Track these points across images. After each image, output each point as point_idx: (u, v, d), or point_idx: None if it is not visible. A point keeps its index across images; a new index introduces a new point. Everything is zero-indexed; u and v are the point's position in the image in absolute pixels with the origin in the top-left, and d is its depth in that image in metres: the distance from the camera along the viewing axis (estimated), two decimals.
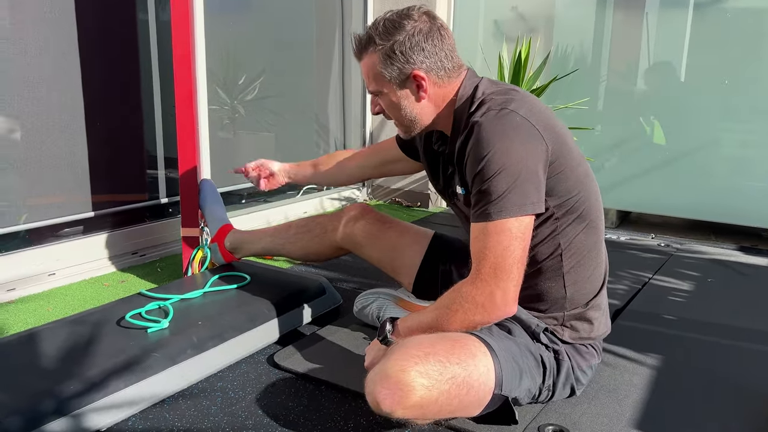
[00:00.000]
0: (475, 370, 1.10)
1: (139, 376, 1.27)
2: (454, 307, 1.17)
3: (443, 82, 1.26)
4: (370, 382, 1.09)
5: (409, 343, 1.12)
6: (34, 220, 1.99)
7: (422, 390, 1.05)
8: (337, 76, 3.29)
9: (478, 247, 1.15)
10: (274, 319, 1.60)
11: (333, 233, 1.69)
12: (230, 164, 2.80)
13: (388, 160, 1.68)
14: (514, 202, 1.13)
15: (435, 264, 1.60)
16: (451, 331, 1.18)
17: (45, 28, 1.94)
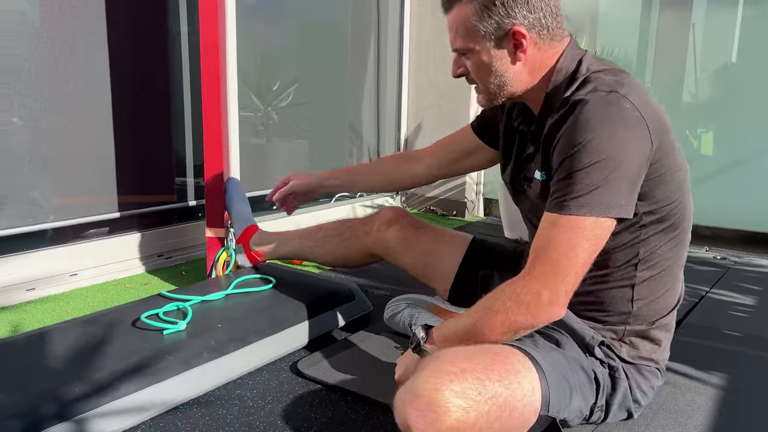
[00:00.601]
0: (518, 389, 0.96)
1: (151, 380, 1.18)
2: (495, 307, 1.03)
3: (544, 45, 1.10)
4: (400, 401, 0.95)
5: (443, 356, 0.99)
6: (58, 219, 1.93)
7: (458, 412, 0.90)
8: (372, 79, 3.20)
9: (542, 241, 1.02)
10: (299, 325, 1.50)
11: (365, 237, 1.58)
12: (261, 170, 2.75)
13: (462, 153, 1.48)
14: (600, 200, 0.98)
15: (474, 269, 1.46)
16: (491, 337, 1.04)
17: (74, 24, 1.90)
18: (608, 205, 0.98)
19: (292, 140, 2.90)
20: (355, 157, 3.19)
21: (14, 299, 1.77)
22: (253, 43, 2.50)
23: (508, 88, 1.12)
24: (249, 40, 2.44)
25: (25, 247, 1.84)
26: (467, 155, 1.48)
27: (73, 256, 1.93)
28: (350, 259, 1.64)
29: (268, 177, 2.74)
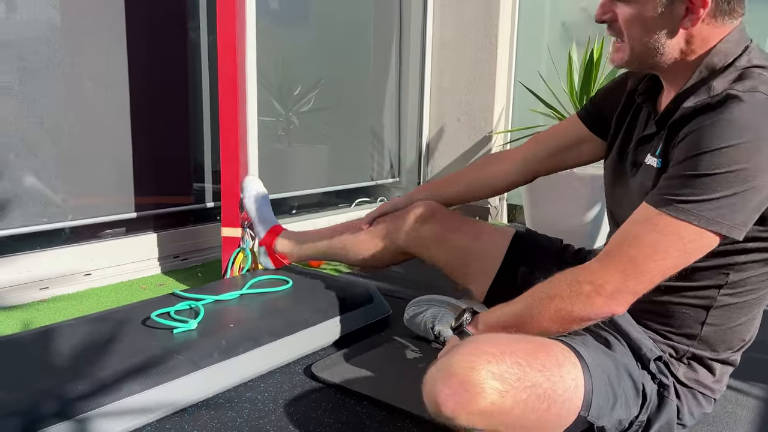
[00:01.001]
0: (560, 383, 0.89)
1: (157, 380, 1.12)
2: (551, 292, 0.95)
3: (716, 21, 0.94)
4: (431, 379, 0.88)
5: (482, 338, 0.92)
6: (73, 218, 1.90)
7: (494, 394, 0.84)
8: (393, 83, 3.15)
9: (626, 233, 0.92)
10: (315, 326, 1.43)
11: (397, 234, 1.45)
12: (281, 173, 2.71)
13: (564, 145, 1.33)
14: (716, 213, 0.86)
15: (515, 266, 1.34)
16: (541, 324, 0.96)
17: (94, 26, 1.88)
18: (721, 220, 0.87)
19: (312, 145, 2.86)
20: (375, 161, 3.13)
21: (27, 298, 1.74)
22: (274, 47, 2.48)
23: (656, 55, 0.97)
24: (270, 44, 2.41)
25: (39, 246, 1.82)
26: (570, 148, 1.32)
27: (87, 256, 1.90)
28: (382, 258, 1.52)
29: (288, 180, 2.71)
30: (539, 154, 1.37)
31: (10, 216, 1.75)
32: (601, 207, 2.46)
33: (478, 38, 2.95)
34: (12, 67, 1.72)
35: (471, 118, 3.05)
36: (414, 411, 1.14)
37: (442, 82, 3.14)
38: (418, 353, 1.42)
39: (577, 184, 2.43)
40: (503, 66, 2.95)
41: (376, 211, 1.54)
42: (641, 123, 1.11)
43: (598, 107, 1.26)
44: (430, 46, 3.15)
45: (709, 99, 0.91)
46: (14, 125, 1.74)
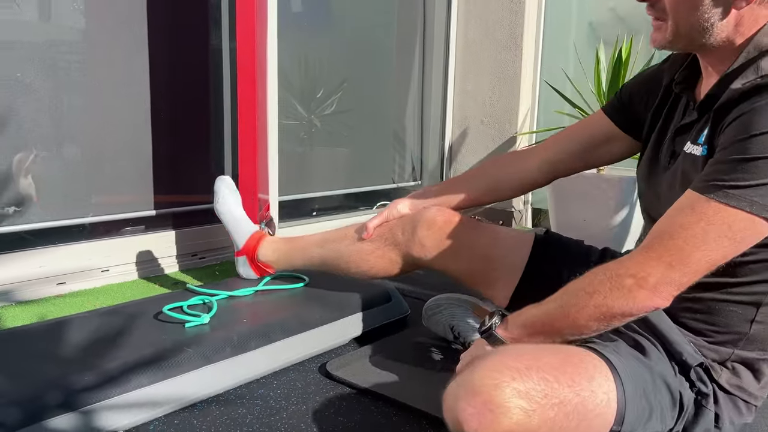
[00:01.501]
0: (591, 398, 0.83)
1: (167, 374, 1.09)
2: (589, 288, 0.89)
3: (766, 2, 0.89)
4: (452, 396, 0.83)
5: (507, 351, 0.87)
6: (92, 214, 1.90)
7: (519, 414, 0.78)
8: (416, 86, 3.12)
9: (670, 222, 0.86)
10: (331, 324, 1.39)
11: (405, 243, 1.32)
12: (302, 176, 2.69)
13: (591, 144, 1.25)
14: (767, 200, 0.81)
15: (538, 269, 1.26)
16: (579, 322, 0.90)
17: (116, 27, 1.88)
18: None
19: (334, 147, 2.83)
20: (397, 164, 3.10)
21: (44, 292, 1.73)
22: (297, 50, 2.46)
23: (704, 36, 0.91)
24: (292, 47, 2.40)
25: (57, 241, 1.81)
26: (596, 146, 1.25)
27: (105, 252, 1.89)
28: (386, 270, 1.38)
29: (308, 181, 2.68)
30: (562, 154, 1.29)
31: (29, 211, 1.75)
32: (629, 210, 2.38)
33: (503, 39, 2.91)
34: (35, 66, 1.72)
35: (495, 121, 2.99)
36: (431, 412, 1.09)
37: (465, 84, 3.10)
38: (437, 354, 1.37)
39: (605, 186, 2.36)
40: (528, 67, 2.90)
41: (378, 218, 1.40)
42: (679, 113, 1.05)
43: (627, 102, 1.19)
44: (454, 47, 3.11)
45: (759, 80, 0.86)
46: (36, 122, 1.74)
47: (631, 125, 1.19)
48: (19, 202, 1.73)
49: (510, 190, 1.38)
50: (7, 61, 1.67)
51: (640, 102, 1.16)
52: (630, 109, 1.18)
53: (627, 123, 1.20)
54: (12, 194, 1.71)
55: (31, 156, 1.74)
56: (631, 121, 1.19)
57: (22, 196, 1.74)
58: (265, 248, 1.57)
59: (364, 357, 1.33)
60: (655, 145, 1.09)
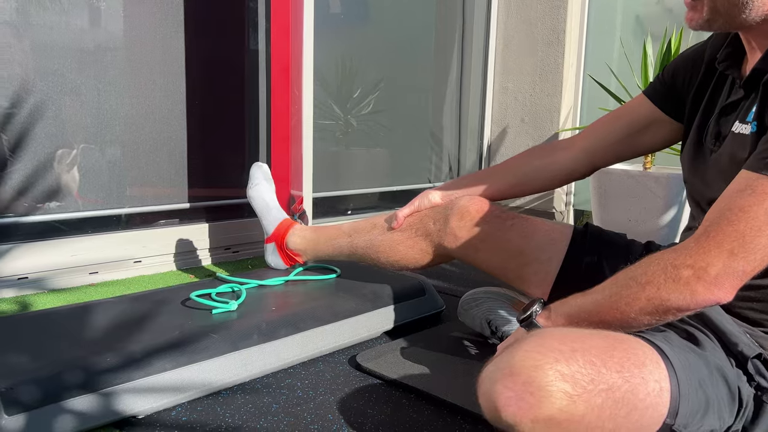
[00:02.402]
0: (642, 385, 0.75)
1: (191, 359, 1.05)
2: (642, 279, 0.81)
3: None
4: (488, 379, 0.76)
5: (549, 332, 0.79)
6: (127, 205, 1.89)
7: (563, 399, 0.71)
8: (454, 84, 3.06)
9: (727, 205, 0.79)
10: (362, 316, 1.34)
11: (438, 233, 1.28)
12: (338, 173, 2.66)
13: (633, 130, 1.18)
14: None
15: (578, 260, 1.18)
16: (629, 315, 0.83)
17: (152, 9, 1.88)
18: None
19: (370, 146, 2.79)
20: (434, 164, 3.03)
21: (76, 281, 1.73)
22: (334, 49, 2.44)
23: (743, 11, 0.86)
24: (330, 46, 2.38)
25: (90, 230, 1.81)
26: (638, 132, 1.17)
27: (139, 243, 1.88)
28: (417, 261, 1.34)
29: (344, 179, 2.65)
30: (601, 142, 1.22)
31: (65, 200, 1.75)
32: (678, 209, 2.27)
33: (545, 34, 2.82)
34: (76, 63, 1.73)
35: (536, 119, 2.91)
36: (467, 407, 1.03)
37: (505, 82, 3.02)
38: (473, 349, 1.30)
39: (653, 184, 2.25)
40: (571, 63, 2.81)
41: (408, 207, 1.36)
42: (724, 93, 0.97)
43: (669, 84, 1.12)
44: (494, 44, 3.04)
45: None
46: (76, 116, 1.74)
47: (674, 107, 1.11)
48: (57, 193, 1.73)
49: (543, 182, 1.31)
50: (50, 59, 1.68)
51: (683, 82, 1.09)
52: (673, 90, 1.11)
53: (670, 105, 1.12)
54: (52, 185, 1.71)
55: (70, 149, 1.74)
56: (674, 102, 1.11)
57: (61, 187, 1.74)
58: (294, 236, 1.54)
59: (396, 350, 1.27)
60: (699, 128, 1.01)
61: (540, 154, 1.32)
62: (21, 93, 1.64)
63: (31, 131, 1.67)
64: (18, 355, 0.98)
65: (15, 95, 1.64)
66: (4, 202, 1.65)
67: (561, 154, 1.28)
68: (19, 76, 1.63)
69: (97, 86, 1.78)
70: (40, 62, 1.67)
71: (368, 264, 1.41)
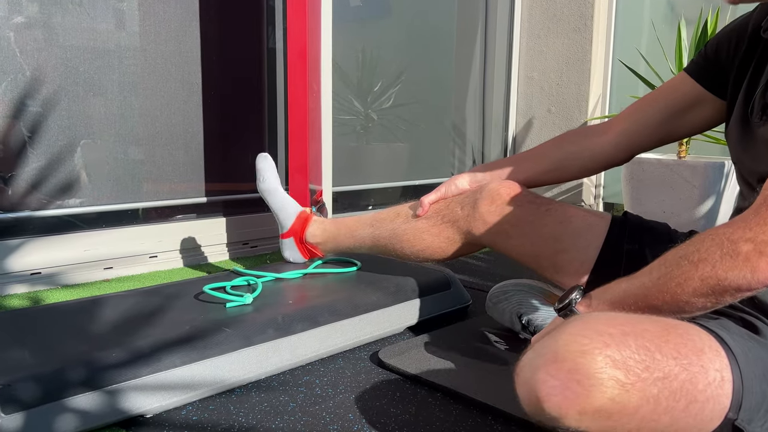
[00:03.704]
0: (701, 374, 0.67)
1: (202, 355, 0.99)
2: (695, 257, 0.73)
3: None
4: (529, 366, 0.69)
5: (595, 316, 0.71)
6: (142, 200, 1.84)
7: (615, 388, 0.64)
8: (477, 75, 2.97)
9: None
10: (383, 310, 1.27)
11: (466, 219, 1.21)
12: (359, 168, 2.59)
13: (676, 110, 1.09)
14: None
15: (618, 248, 1.10)
16: (682, 297, 0.74)
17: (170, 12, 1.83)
18: None
19: (392, 140, 2.72)
20: (457, 159, 2.95)
21: (91, 277, 1.68)
22: (353, 42, 2.37)
23: None
24: (349, 39, 2.32)
25: (105, 225, 1.76)
26: (682, 113, 1.09)
27: (154, 238, 1.83)
28: (444, 250, 1.27)
29: (365, 173, 2.58)
30: (641, 125, 1.13)
31: (79, 194, 1.71)
32: (716, 200, 2.15)
33: (571, 20, 2.72)
34: (92, 59, 1.68)
35: (563, 108, 2.81)
36: (498, 406, 0.95)
37: (530, 71, 2.92)
38: (502, 344, 1.22)
39: (689, 173, 2.14)
40: (600, 49, 2.70)
41: (434, 194, 1.29)
42: None
43: (712, 60, 1.03)
44: (518, 32, 2.94)
45: None
46: (92, 110, 1.70)
47: (718, 84, 1.03)
48: (70, 187, 1.69)
49: (580, 169, 1.23)
50: (64, 52, 1.63)
51: (726, 57, 1.00)
52: (716, 65, 1.02)
53: (714, 82, 1.03)
54: (65, 179, 1.67)
55: (84, 143, 1.70)
56: (718, 79, 1.03)
57: (75, 181, 1.70)
58: (314, 228, 1.47)
59: (420, 346, 1.20)
60: (745, 103, 0.93)
61: (575, 138, 1.23)
62: (35, 86, 1.60)
63: (44, 124, 1.63)
64: (19, 351, 0.93)
65: (29, 89, 1.60)
66: (17, 196, 1.61)
67: (597, 139, 1.19)
68: (32, 68, 1.59)
69: (111, 79, 1.74)
70: (53, 54, 1.63)
71: (391, 256, 1.34)
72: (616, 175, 2.69)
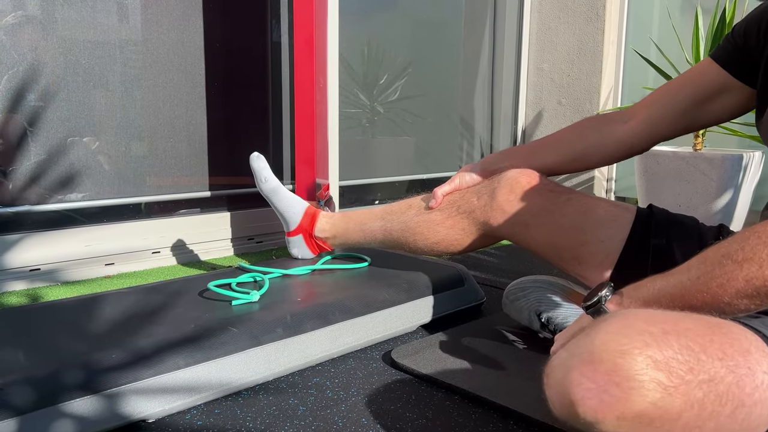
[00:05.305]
0: (748, 377, 0.62)
1: (207, 355, 0.94)
2: (740, 255, 0.68)
3: None
4: (561, 367, 0.64)
5: (633, 313, 0.66)
6: (145, 194, 1.79)
7: (656, 391, 0.58)
8: (486, 66, 2.91)
9: None
10: (395, 307, 1.21)
11: (483, 209, 1.16)
12: (365, 162, 2.53)
13: (702, 98, 1.05)
14: None
15: (644, 242, 1.05)
16: (723, 298, 0.69)
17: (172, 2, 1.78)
18: None
19: (398, 133, 2.67)
20: (465, 152, 2.89)
21: (92, 273, 1.64)
22: (359, 33, 2.32)
23: None
24: (355, 30, 2.26)
25: (106, 220, 1.71)
26: (708, 101, 1.04)
27: (157, 233, 1.78)
28: (456, 242, 1.22)
29: (371, 167, 2.53)
30: (665, 113, 1.08)
31: (80, 188, 1.66)
32: (734, 193, 2.09)
33: (583, 9, 2.66)
34: (94, 53, 1.63)
35: (574, 100, 2.74)
36: (520, 410, 0.89)
37: (540, 62, 2.86)
38: (520, 343, 1.17)
39: (706, 165, 2.08)
40: (612, 40, 2.64)
41: (448, 185, 1.23)
42: None
43: (741, 46, 0.98)
44: (528, 23, 2.88)
45: None
46: (93, 103, 1.65)
47: (747, 71, 0.98)
48: (71, 181, 1.64)
49: (602, 157, 1.17)
50: (65, 45, 1.58)
51: (756, 44, 0.95)
52: (745, 52, 0.97)
53: (742, 69, 0.99)
54: (66, 172, 1.62)
55: (84, 136, 1.65)
56: (747, 66, 0.98)
57: (75, 175, 1.65)
58: (322, 223, 1.42)
59: (434, 345, 1.15)
60: None
61: (596, 126, 1.18)
62: (35, 79, 1.55)
63: (44, 117, 1.58)
64: (13, 351, 0.88)
65: (30, 81, 1.54)
66: (16, 190, 1.56)
67: (620, 127, 1.14)
68: (32, 60, 1.54)
69: (113, 71, 1.69)
70: (53, 47, 1.58)
71: (404, 250, 1.29)
72: (628, 168, 2.63)
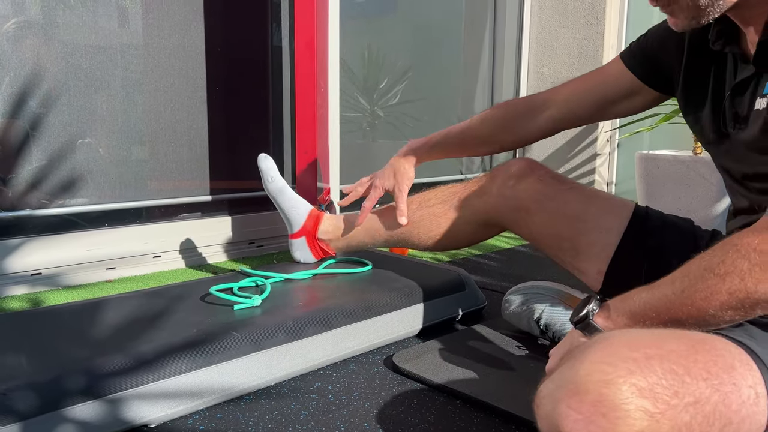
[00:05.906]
0: (734, 394, 0.62)
1: (209, 360, 0.94)
2: (720, 268, 0.69)
3: None
4: (548, 399, 0.63)
5: (617, 337, 0.66)
6: (145, 198, 1.79)
7: (643, 420, 0.58)
8: (486, 71, 2.91)
9: None
10: (397, 311, 1.22)
11: (482, 199, 1.19)
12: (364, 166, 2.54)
13: (614, 98, 1.10)
14: None
15: (639, 239, 1.06)
16: (707, 311, 0.70)
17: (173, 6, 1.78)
18: None
19: (398, 137, 2.67)
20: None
21: (93, 277, 1.64)
22: (360, 37, 2.32)
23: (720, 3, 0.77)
24: (354, 35, 2.27)
25: (107, 224, 1.71)
26: (619, 101, 1.10)
27: (158, 237, 1.78)
28: (461, 235, 1.25)
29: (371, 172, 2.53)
30: (582, 107, 1.15)
31: (81, 193, 1.66)
32: None
33: (583, 14, 2.67)
34: (95, 56, 1.63)
35: None
36: (521, 414, 0.90)
37: (540, 67, 2.87)
38: (521, 349, 1.17)
39: (705, 170, 2.09)
40: (612, 44, 2.65)
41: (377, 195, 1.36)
42: (729, 72, 0.87)
43: (650, 56, 1.04)
44: (528, 27, 2.89)
45: None
46: (95, 107, 1.65)
47: (661, 81, 1.04)
48: (72, 185, 1.64)
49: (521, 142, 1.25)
50: (66, 48, 1.59)
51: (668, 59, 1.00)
52: (655, 60, 1.03)
53: (657, 79, 1.05)
54: (67, 177, 1.62)
55: (86, 140, 1.65)
56: (656, 76, 1.04)
57: (76, 179, 1.65)
58: (325, 225, 1.44)
59: (435, 350, 1.15)
60: (714, 114, 0.91)
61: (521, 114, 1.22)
62: (37, 83, 1.56)
63: (46, 121, 1.58)
64: (15, 357, 0.88)
65: (31, 85, 1.55)
66: (17, 194, 1.57)
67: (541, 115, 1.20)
68: (33, 62, 1.55)
69: (114, 75, 1.69)
70: (55, 51, 1.58)
71: (408, 246, 1.32)
72: (629, 172, 2.64)
